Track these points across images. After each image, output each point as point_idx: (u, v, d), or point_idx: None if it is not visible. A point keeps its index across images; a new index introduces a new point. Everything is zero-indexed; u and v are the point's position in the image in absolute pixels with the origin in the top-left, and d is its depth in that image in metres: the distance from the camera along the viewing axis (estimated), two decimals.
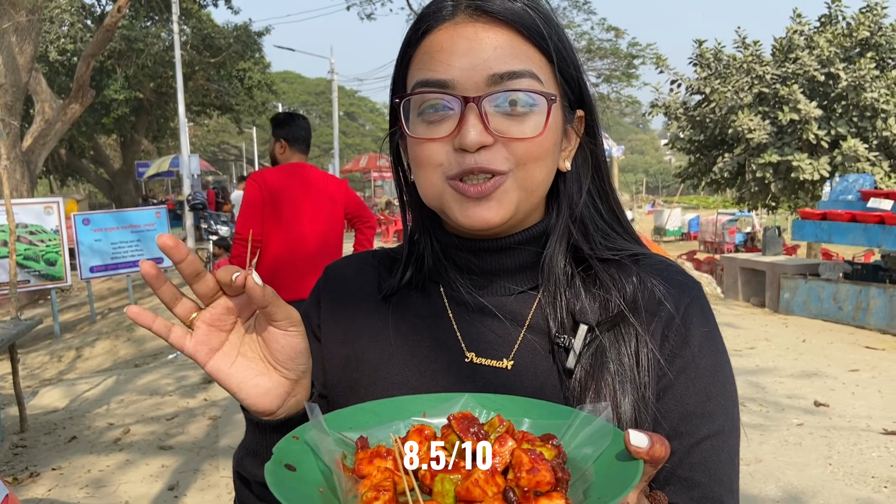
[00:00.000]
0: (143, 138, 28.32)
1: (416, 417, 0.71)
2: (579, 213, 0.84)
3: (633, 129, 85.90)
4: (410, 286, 0.88)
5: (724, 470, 0.78)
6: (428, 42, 0.77)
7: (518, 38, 0.75)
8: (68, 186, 34.41)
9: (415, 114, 0.77)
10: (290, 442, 0.65)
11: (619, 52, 25.08)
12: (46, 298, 11.33)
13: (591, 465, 0.61)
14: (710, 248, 23.19)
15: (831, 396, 5.45)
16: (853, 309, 8.41)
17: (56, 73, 20.92)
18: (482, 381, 0.81)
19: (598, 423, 0.64)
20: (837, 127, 13.13)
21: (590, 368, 0.77)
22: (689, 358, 0.79)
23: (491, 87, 0.73)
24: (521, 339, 0.82)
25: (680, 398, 0.79)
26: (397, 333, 0.86)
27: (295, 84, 67.03)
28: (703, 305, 0.83)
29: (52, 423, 5.24)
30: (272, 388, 0.70)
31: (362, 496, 0.60)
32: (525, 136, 0.74)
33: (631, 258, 0.84)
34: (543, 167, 0.77)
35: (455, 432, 0.65)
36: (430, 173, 0.77)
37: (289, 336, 0.68)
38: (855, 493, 3.81)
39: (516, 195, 0.76)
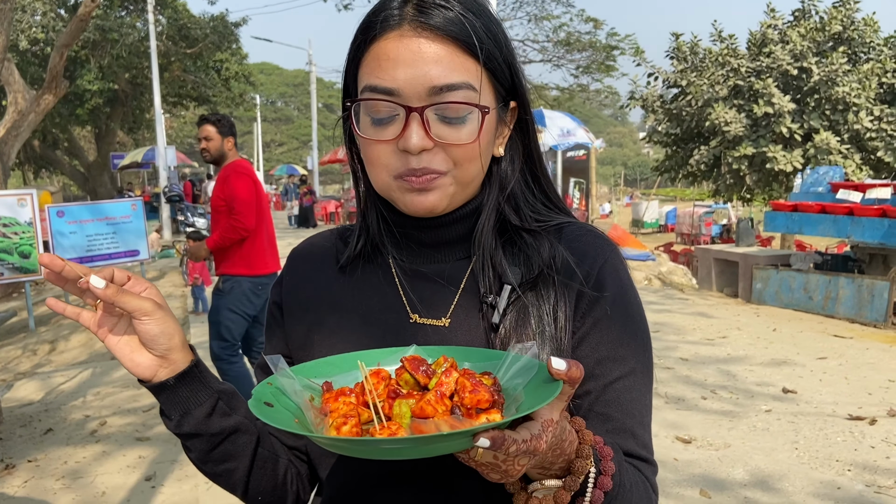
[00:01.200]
0: (119, 130, 27.99)
1: (371, 368, 0.81)
2: (511, 191, 0.96)
3: (611, 122, 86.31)
4: (362, 257, 1.00)
5: (635, 405, 0.91)
6: (376, 48, 0.86)
7: (456, 50, 0.84)
8: (42, 178, 33.93)
9: (364, 114, 0.88)
10: (265, 386, 0.77)
11: (597, 44, 25.17)
12: (20, 291, 11.21)
13: (521, 390, 0.72)
14: (686, 239, 23.42)
15: (799, 383, 5.58)
16: (823, 298, 8.58)
17: (28, 64, 20.59)
18: (424, 338, 0.93)
19: (525, 359, 0.74)
20: (810, 120, 13.33)
21: (514, 324, 0.89)
22: (602, 311, 0.91)
23: (432, 97, 0.83)
24: (456, 300, 0.94)
25: (595, 345, 0.90)
26: (352, 300, 0.99)
27: (273, 75, 66.47)
28: (615, 265, 0.94)
29: (28, 416, 5.22)
30: (143, 362, 0.86)
31: (332, 422, 0.71)
32: (461, 141, 0.85)
33: (555, 227, 0.96)
34: (477, 164, 0.89)
35: (407, 371, 0.76)
36: (379, 171, 0.89)
37: (141, 324, 0.83)
38: (819, 477, 3.92)
39: (453, 188, 0.89)
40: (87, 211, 10.32)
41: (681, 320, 8.09)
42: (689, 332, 7.45)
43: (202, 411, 0.89)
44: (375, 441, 0.66)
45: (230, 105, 28.61)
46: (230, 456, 0.93)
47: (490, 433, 0.62)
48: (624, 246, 15.43)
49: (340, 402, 0.74)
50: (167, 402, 0.88)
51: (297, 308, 1.02)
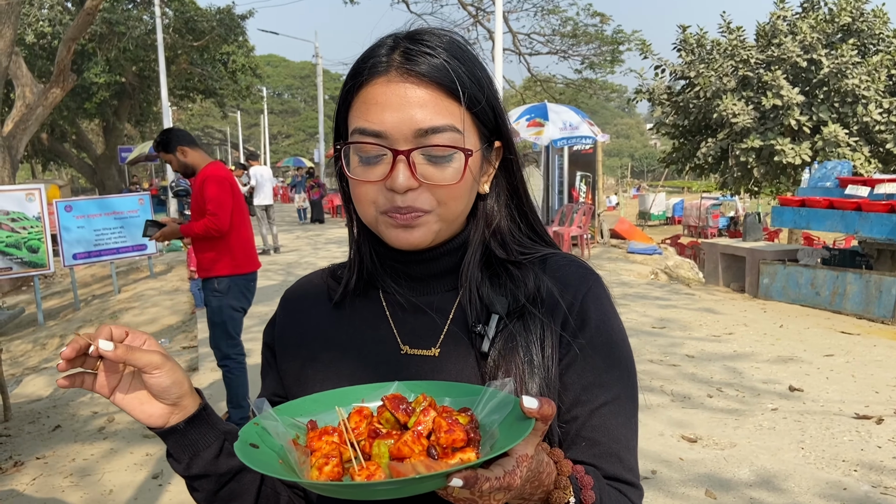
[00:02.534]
0: (126, 123, 28.03)
1: (355, 404, 0.85)
2: (497, 227, 1.00)
3: (618, 114, 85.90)
4: (355, 293, 1.04)
5: (620, 430, 0.94)
6: (365, 93, 0.90)
7: (441, 94, 0.88)
8: (51, 171, 34.06)
9: (354, 154, 0.92)
10: (251, 426, 0.79)
11: (604, 38, 25.05)
12: (29, 285, 11.27)
13: (496, 426, 0.75)
14: (693, 232, 23.37)
15: (806, 381, 5.57)
16: (830, 294, 8.55)
17: (36, 57, 20.62)
18: (415, 368, 0.96)
19: (502, 395, 0.77)
20: (819, 113, 13.25)
21: (503, 352, 0.92)
22: (586, 340, 0.94)
23: (418, 139, 0.87)
24: (445, 330, 0.97)
25: (581, 372, 0.94)
26: (345, 335, 1.02)
27: (279, 68, 66.43)
28: (598, 294, 0.98)
29: (37, 412, 5.26)
30: (155, 412, 0.90)
31: (315, 462, 0.74)
32: (446, 182, 0.89)
33: (540, 259, 1.00)
34: (462, 203, 0.93)
35: (388, 409, 0.79)
36: (366, 206, 0.93)
37: (152, 378, 0.87)
38: (825, 477, 3.91)
39: (438, 226, 0.92)
40: (95, 205, 10.38)
41: (687, 316, 8.07)
42: (696, 329, 7.43)
43: (210, 453, 0.93)
44: (352, 485, 0.69)
45: (237, 97, 28.62)
46: (236, 495, 0.96)
47: (463, 473, 0.65)
48: (630, 239, 15.40)
49: (323, 441, 0.77)
50: (177, 445, 0.92)
51: (291, 346, 1.06)
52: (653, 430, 4.54)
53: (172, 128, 4.81)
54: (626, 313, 7.99)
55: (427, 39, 0.91)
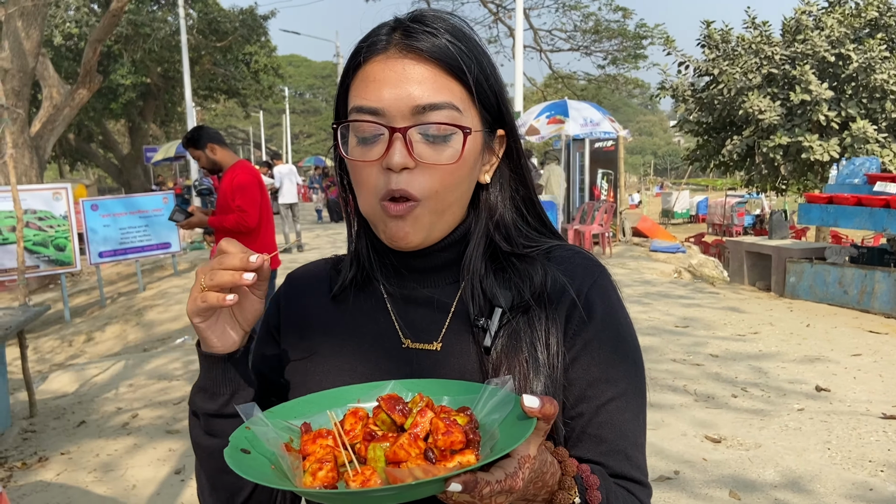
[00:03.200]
0: (151, 123, 28.38)
1: (351, 405, 0.83)
2: (501, 218, 0.96)
3: (641, 111, 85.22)
4: (354, 285, 1.01)
5: (628, 427, 0.91)
6: (363, 72, 0.88)
7: (441, 72, 0.86)
8: (78, 171, 34.57)
9: (352, 135, 0.89)
10: (243, 431, 0.77)
11: (626, 33, 24.85)
12: (57, 283, 11.44)
13: (497, 426, 0.73)
14: (718, 230, 23.11)
15: (833, 381, 5.47)
16: (858, 293, 8.40)
17: (62, 58, 20.95)
18: (417, 362, 0.94)
19: (502, 393, 0.75)
20: (847, 108, 13.03)
21: (506, 347, 0.89)
22: (592, 333, 0.91)
23: (416, 116, 0.85)
24: (447, 324, 0.95)
25: (586, 367, 0.91)
26: (345, 328, 1.00)
27: (301, 67, 66.82)
28: (604, 286, 0.95)
29: (62, 408, 5.33)
30: (237, 338, 0.88)
31: (308, 467, 0.72)
32: (444, 162, 0.86)
33: (545, 252, 0.97)
34: (456, 190, 0.90)
35: (384, 411, 0.77)
36: (366, 193, 0.90)
37: (260, 301, 0.87)
38: (852, 478, 3.84)
39: (429, 220, 0.89)
40: (121, 204, 10.51)
41: (711, 315, 7.97)
42: (720, 328, 7.34)
43: (248, 394, 0.91)
44: (346, 493, 0.67)
45: (259, 97, 28.86)
46: None
47: (462, 477, 0.64)
48: (653, 237, 15.26)
49: (318, 444, 0.75)
50: (223, 377, 0.89)
51: (293, 333, 1.04)
52: (676, 430, 4.48)
53: (203, 125, 4.89)
54: (649, 312, 7.91)
55: (429, 20, 0.88)
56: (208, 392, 0.90)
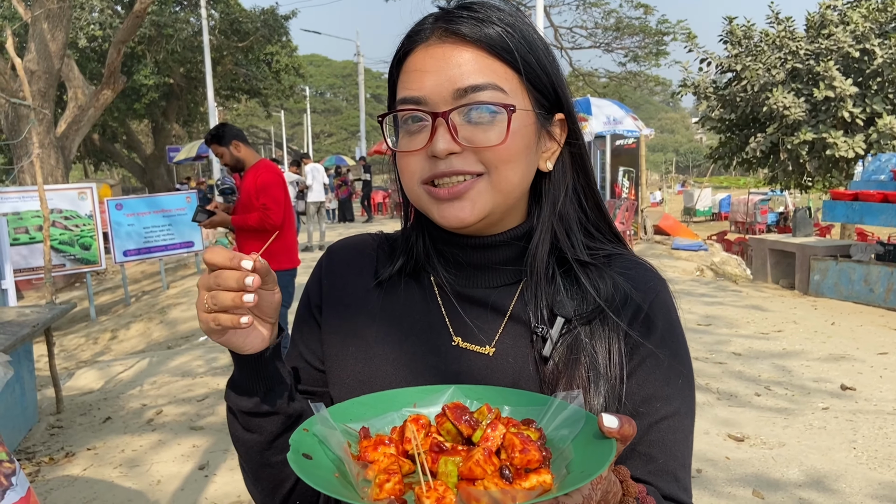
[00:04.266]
0: (174, 123, 28.69)
1: (407, 408, 0.79)
2: (563, 213, 0.92)
3: (662, 108, 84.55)
4: (402, 273, 0.97)
5: (678, 447, 0.88)
6: (407, 63, 0.87)
7: (482, 54, 0.83)
8: (102, 171, 35.03)
9: (399, 127, 0.88)
10: (303, 434, 0.73)
11: (648, 30, 24.67)
12: (82, 282, 11.61)
13: (569, 444, 0.69)
14: (741, 228, 22.87)
15: (858, 380, 5.40)
16: (884, 291, 8.27)
17: (87, 60, 21.24)
18: (466, 364, 0.89)
19: (571, 409, 0.72)
20: (873, 104, 12.83)
21: (565, 358, 0.86)
22: (651, 349, 0.88)
23: (457, 100, 0.82)
24: (502, 328, 0.90)
25: (642, 383, 0.87)
26: (391, 316, 0.95)
27: (322, 67, 67.14)
28: (666, 301, 0.92)
29: (88, 404, 5.41)
30: (264, 334, 0.83)
31: (375, 478, 0.67)
32: (490, 143, 0.82)
33: (606, 258, 0.93)
34: (516, 169, 0.85)
35: (450, 420, 0.72)
36: (407, 180, 0.88)
37: (274, 294, 0.82)
38: (878, 477, 3.79)
39: (491, 196, 0.84)
40: (144, 204, 10.64)
41: (734, 313, 7.90)
42: (743, 326, 7.27)
43: (283, 389, 0.87)
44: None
45: (280, 97, 29.05)
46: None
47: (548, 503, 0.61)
48: (675, 235, 15.15)
49: (380, 452, 0.71)
50: (255, 375, 0.86)
51: (336, 314, 0.99)
52: (698, 428, 4.45)
53: (226, 123, 4.91)
54: None
55: (475, 7, 0.86)
56: (242, 389, 0.87)
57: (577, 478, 0.64)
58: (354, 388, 0.92)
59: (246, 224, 4.59)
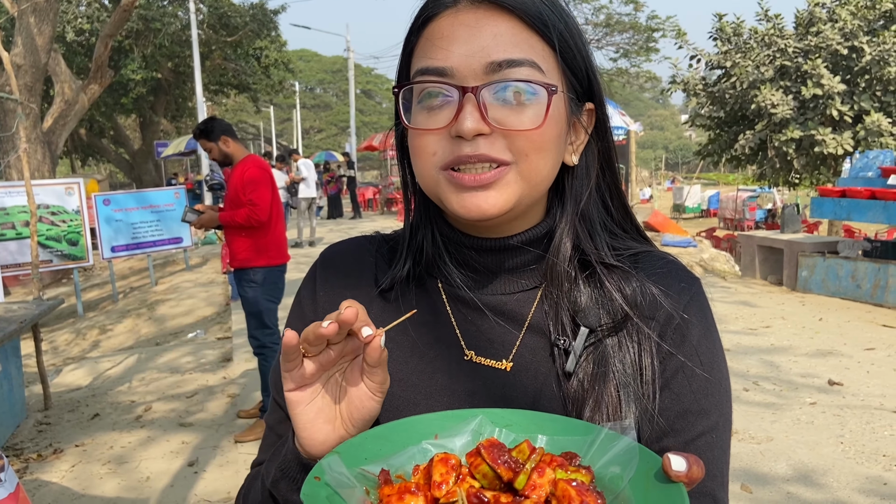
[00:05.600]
0: (162, 118, 28.51)
1: (427, 441, 0.68)
2: (586, 210, 0.83)
3: (652, 105, 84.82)
4: (408, 280, 0.87)
5: (717, 465, 0.79)
6: (429, 30, 0.76)
7: (520, 25, 0.73)
8: (89, 166, 34.80)
9: (415, 102, 0.77)
10: (315, 485, 0.61)
11: (638, 26, 24.74)
12: (69, 278, 11.52)
13: (626, 488, 0.60)
14: (729, 224, 22.98)
15: (846, 375, 5.44)
16: (871, 287, 8.34)
17: (74, 54, 21.06)
18: (481, 380, 0.81)
19: (624, 442, 0.63)
20: (861, 102, 12.91)
21: (591, 374, 0.77)
22: (686, 356, 0.79)
23: (489, 75, 0.72)
24: (520, 339, 0.82)
25: (677, 396, 0.78)
26: (395, 329, 0.84)
27: (311, 62, 66.89)
28: (701, 303, 0.83)
29: (76, 401, 5.38)
30: (330, 437, 0.71)
31: None
32: (524, 127, 0.73)
33: (632, 258, 0.84)
34: (548, 158, 0.76)
35: (486, 461, 0.62)
36: (424, 162, 0.76)
37: (373, 400, 0.70)
38: (865, 472, 3.82)
39: (519, 187, 0.75)
40: (133, 199, 10.56)
41: (723, 309, 7.94)
42: (732, 322, 7.31)
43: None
44: None
45: (270, 92, 28.91)
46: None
47: None
48: (665, 232, 15.20)
49: (406, 502, 0.60)
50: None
51: None
52: None
53: (215, 117, 4.89)
54: None
55: None
56: (298, 485, 0.72)
57: None
58: None
59: (234, 221, 4.57)
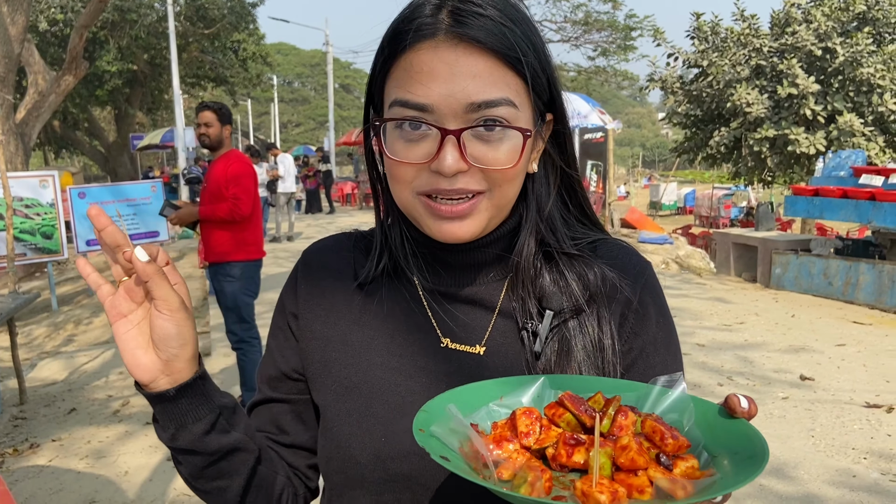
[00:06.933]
0: (138, 111, 28.14)
1: (494, 402, 0.74)
2: (548, 211, 0.90)
3: (630, 103, 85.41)
4: (384, 274, 0.93)
5: None
6: (407, 59, 0.79)
7: (497, 63, 0.78)
8: (63, 158, 34.26)
9: (393, 128, 0.81)
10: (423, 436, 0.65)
11: (616, 25, 24.89)
12: (43, 272, 11.37)
13: (690, 427, 0.68)
14: (705, 222, 23.24)
15: (817, 370, 5.56)
16: (843, 284, 8.51)
17: (48, 45, 20.72)
18: (457, 364, 0.87)
19: (676, 393, 0.71)
20: (834, 102, 13.12)
21: (556, 353, 0.84)
22: (649, 336, 0.88)
23: (469, 114, 0.77)
24: (491, 325, 0.89)
25: (643, 372, 0.87)
26: (376, 318, 0.92)
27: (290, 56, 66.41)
28: (654, 285, 0.92)
29: (52, 396, 5.33)
30: (145, 363, 0.78)
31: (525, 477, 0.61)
32: (500, 165, 0.79)
33: (591, 245, 0.92)
34: (517, 184, 0.84)
35: (570, 410, 0.69)
36: (402, 188, 0.83)
37: (161, 318, 0.76)
38: (835, 465, 3.91)
39: (489, 213, 0.83)
40: (108, 192, 10.43)
41: (698, 305, 8.06)
42: (707, 318, 7.42)
43: (200, 427, 0.81)
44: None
45: (247, 85, 28.70)
46: (224, 474, 0.86)
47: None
48: (641, 229, 15.34)
49: (504, 449, 0.67)
50: (163, 413, 0.81)
51: (316, 320, 0.95)
52: None
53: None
54: None
55: (482, 3, 0.79)
56: (157, 423, 0.83)
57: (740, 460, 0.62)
58: (341, 394, 0.90)
59: (215, 216, 4.56)
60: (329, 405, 0.91)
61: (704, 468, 0.64)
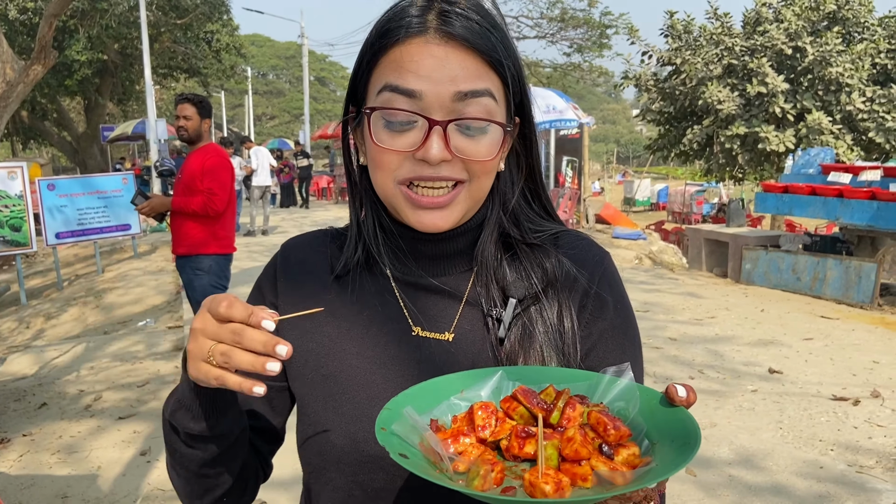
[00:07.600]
0: (108, 101, 27.69)
1: (455, 396, 0.78)
2: (512, 208, 0.96)
3: (605, 99, 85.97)
4: (358, 266, 0.98)
5: None
6: (397, 52, 0.84)
7: (481, 61, 0.84)
8: (31, 149, 33.60)
9: (379, 117, 0.85)
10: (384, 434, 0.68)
11: (592, 22, 25.03)
12: (11, 265, 11.16)
13: (634, 415, 0.72)
14: (678, 218, 23.50)
15: (785, 364, 5.67)
16: (811, 279, 8.67)
17: (16, 33, 20.30)
18: (428, 351, 0.92)
19: (623, 383, 0.75)
20: (803, 100, 13.35)
21: (520, 338, 0.89)
22: (607, 322, 0.93)
23: (455, 103, 0.83)
24: (459, 313, 0.94)
25: (602, 356, 0.92)
26: (350, 310, 0.96)
27: (264, 47, 65.76)
28: (612, 274, 0.97)
29: (22, 390, 5.25)
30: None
31: (478, 470, 0.65)
32: (481, 157, 0.85)
33: (552, 237, 0.97)
34: (491, 178, 0.90)
35: (523, 404, 0.72)
36: (385, 176, 0.87)
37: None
38: (803, 456, 4.01)
39: (466, 205, 0.89)
40: (78, 184, 10.27)
41: (670, 300, 8.16)
42: (679, 312, 7.53)
43: (236, 413, 0.87)
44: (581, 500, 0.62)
45: (221, 77, 28.36)
46: (237, 455, 0.91)
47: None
48: (615, 224, 15.49)
49: (464, 444, 0.71)
50: (212, 405, 0.83)
51: (294, 311, 0.95)
52: None
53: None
54: None
55: (460, 1, 0.86)
56: (193, 413, 0.84)
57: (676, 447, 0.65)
58: (319, 382, 0.93)
59: (188, 207, 4.52)
60: (307, 393, 0.94)
61: (646, 455, 0.68)
